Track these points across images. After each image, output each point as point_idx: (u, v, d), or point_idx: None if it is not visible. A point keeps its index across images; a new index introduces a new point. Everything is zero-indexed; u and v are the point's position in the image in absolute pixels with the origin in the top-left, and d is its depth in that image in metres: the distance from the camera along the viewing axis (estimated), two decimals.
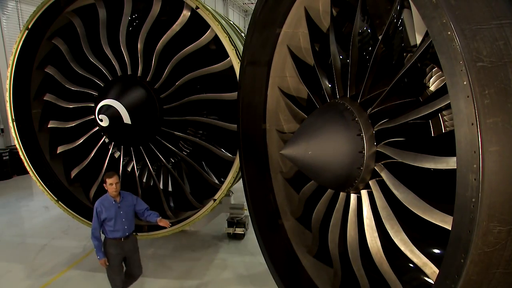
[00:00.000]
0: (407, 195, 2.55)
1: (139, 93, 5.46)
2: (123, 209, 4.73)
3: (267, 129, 4.53)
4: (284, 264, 4.23)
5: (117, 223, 4.68)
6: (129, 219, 4.78)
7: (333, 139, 2.87)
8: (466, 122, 1.72)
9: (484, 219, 1.70)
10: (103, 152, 6.19)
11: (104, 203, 4.69)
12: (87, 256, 6.75)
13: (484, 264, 1.80)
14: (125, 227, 4.73)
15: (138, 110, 5.37)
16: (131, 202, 4.84)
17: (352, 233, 3.26)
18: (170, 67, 5.51)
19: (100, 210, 4.66)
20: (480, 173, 1.67)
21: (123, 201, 4.75)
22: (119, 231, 4.70)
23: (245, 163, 4.55)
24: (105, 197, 4.74)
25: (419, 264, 2.59)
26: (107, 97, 5.24)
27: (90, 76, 5.86)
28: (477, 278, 1.83)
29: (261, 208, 4.51)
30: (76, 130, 6.23)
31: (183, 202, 6.21)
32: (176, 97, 5.70)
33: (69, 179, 6.45)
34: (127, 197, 4.84)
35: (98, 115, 5.24)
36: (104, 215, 4.64)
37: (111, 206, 4.67)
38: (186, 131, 6.40)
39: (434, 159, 2.29)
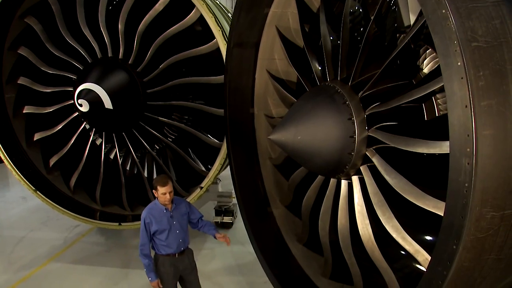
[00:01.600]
0: (399, 181, 2.57)
1: (120, 76, 5.36)
2: (177, 219, 3.99)
3: (255, 114, 4.51)
4: (273, 253, 4.26)
5: (170, 235, 3.94)
6: (184, 230, 4.04)
7: (323, 124, 2.87)
8: (459, 105, 1.71)
9: (477, 205, 1.72)
10: (84, 139, 6.10)
11: (153, 213, 3.94)
12: (68, 248, 6.69)
13: (477, 250, 1.82)
14: (180, 240, 3.99)
15: (120, 95, 5.27)
16: (185, 210, 4.10)
17: (343, 220, 3.29)
18: (153, 49, 5.41)
19: (150, 222, 3.91)
20: (473, 157, 1.68)
21: (176, 209, 4.00)
22: (173, 245, 3.96)
23: (232, 149, 4.54)
24: (154, 205, 3.98)
25: (411, 251, 2.62)
26: (87, 81, 5.13)
27: (67, 59, 5.73)
28: (469, 264, 1.86)
29: (249, 196, 4.52)
30: (54, 116, 6.10)
31: None
32: (160, 81, 5.61)
33: (47, 167, 6.34)
34: (180, 204, 4.10)
35: (77, 100, 5.14)
36: (155, 227, 3.90)
37: (162, 216, 3.92)
38: (171, 117, 6.32)
39: (427, 143, 2.31)
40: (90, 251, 6.52)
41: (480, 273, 1.94)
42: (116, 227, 6.00)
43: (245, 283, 5.41)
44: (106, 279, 5.62)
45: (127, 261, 6.14)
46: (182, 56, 5.42)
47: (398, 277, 2.87)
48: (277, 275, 4.07)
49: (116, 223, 5.97)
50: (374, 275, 3.11)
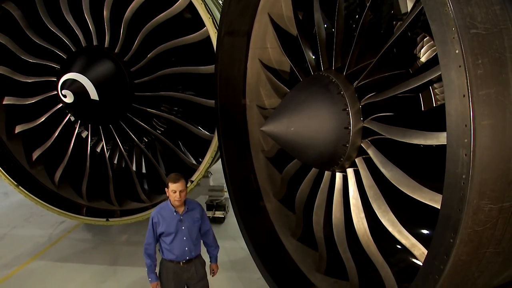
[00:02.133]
0: (395, 173, 2.57)
1: (106, 66, 5.30)
2: (186, 224, 3.80)
3: (247, 105, 4.51)
4: (266, 248, 4.28)
5: (175, 241, 3.77)
6: (192, 239, 3.83)
7: (317, 115, 2.87)
8: (457, 94, 1.71)
9: (475, 197, 1.72)
10: (69, 132, 6.03)
11: (163, 213, 3.80)
12: (53, 245, 6.65)
13: (474, 243, 1.83)
14: (186, 248, 3.80)
15: (106, 85, 5.21)
16: (198, 216, 3.88)
17: (338, 214, 3.29)
18: (141, 37, 5.35)
19: (157, 221, 3.77)
20: (471, 148, 1.68)
21: (187, 214, 3.81)
22: (176, 252, 3.80)
23: (224, 141, 4.53)
24: (165, 205, 3.84)
25: (407, 246, 2.63)
26: (71, 71, 5.06)
27: (50, 47, 5.65)
28: (466, 258, 1.87)
29: (241, 190, 4.52)
30: (37, 108, 6.02)
31: (158, 184, 6.12)
32: (148, 71, 5.56)
33: (30, 161, 6.27)
34: (194, 209, 3.89)
35: (61, 91, 5.07)
36: (161, 228, 3.77)
37: (172, 218, 3.77)
38: (160, 108, 6.28)
39: (424, 134, 2.31)
40: (76, 248, 6.49)
41: (477, 267, 1.95)
42: (103, 223, 5.98)
43: (238, 279, 5.42)
44: (93, 277, 5.60)
45: (115, 257, 6.13)
46: (171, 45, 5.36)
47: (394, 271, 2.89)
48: (271, 271, 4.08)
49: (103, 219, 5.95)
50: (370, 270, 3.13)
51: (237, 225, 4.48)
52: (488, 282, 2.21)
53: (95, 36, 5.48)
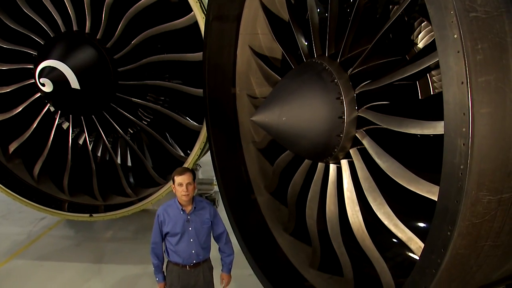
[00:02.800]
0: (391, 165, 2.58)
1: (88, 52, 5.24)
2: (194, 225, 3.64)
3: (237, 94, 4.49)
4: (257, 244, 4.29)
5: (181, 242, 3.63)
6: (199, 241, 3.67)
7: (309, 104, 2.86)
8: (455, 81, 1.70)
9: (473, 188, 1.73)
10: (48, 123, 5.96)
11: (169, 211, 3.66)
12: (33, 243, 6.58)
13: (472, 236, 1.84)
14: (192, 251, 3.65)
15: (87, 73, 5.17)
16: (208, 217, 3.73)
17: (332, 207, 3.30)
18: (124, 22, 5.29)
19: (163, 220, 3.64)
20: (469, 137, 1.68)
21: (195, 213, 3.66)
22: (182, 254, 3.65)
23: (213, 132, 4.51)
24: (172, 203, 3.69)
25: (403, 239, 2.65)
26: (49, 58, 5.00)
27: (26, 32, 5.56)
28: (464, 251, 1.88)
29: (231, 183, 4.52)
30: (13, 97, 5.92)
31: (145, 178, 6.14)
32: (132, 59, 5.52)
33: (6, 155, 6.19)
34: (203, 208, 3.73)
35: (39, 79, 5.01)
36: (167, 227, 3.63)
37: (178, 217, 3.62)
38: (145, 98, 6.25)
39: (421, 124, 2.31)
40: (58, 245, 6.43)
41: (476, 260, 1.96)
42: (87, 218, 5.95)
43: None
44: (77, 276, 5.56)
45: (100, 255, 6.10)
46: (157, 31, 5.32)
47: (390, 266, 2.91)
48: (262, 267, 4.09)
49: (86, 214, 5.92)
50: (365, 264, 3.15)
51: (227, 220, 4.44)
52: (487, 276, 2.23)
53: (75, 21, 5.40)
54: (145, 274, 5.59)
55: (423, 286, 2.06)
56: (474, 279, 2.15)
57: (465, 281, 2.13)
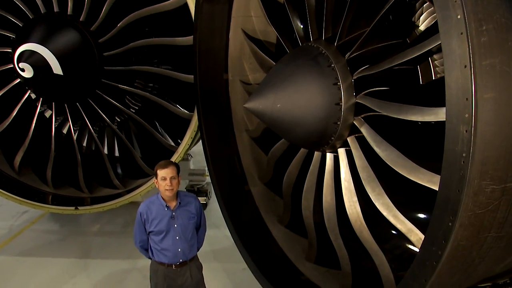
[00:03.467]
0: (390, 153, 2.58)
1: (71, 36, 5.18)
2: (179, 222, 3.61)
3: (230, 80, 4.48)
4: (252, 236, 4.31)
5: (166, 240, 3.59)
6: (186, 238, 3.65)
7: (305, 90, 2.85)
8: (458, 65, 1.69)
9: (476, 177, 1.72)
10: (30, 111, 5.91)
11: (152, 208, 3.61)
12: (14, 238, 6.58)
13: (475, 227, 1.84)
14: (178, 249, 3.62)
15: (70, 57, 5.11)
16: (194, 212, 3.70)
17: (329, 198, 3.31)
18: (109, 4, 5.24)
19: (146, 218, 3.60)
20: (472, 123, 1.67)
21: (180, 209, 3.64)
22: (168, 253, 3.61)
23: (204, 121, 4.51)
24: (155, 199, 3.64)
25: (403, 231, 2.66)
26: (29, 41, 4.94)
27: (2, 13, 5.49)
28: (466, 243, 1.88)
29: (224, 173, 4.52)
30: None
31: (133, 168, 6.12)
32: (119, 43, 5.47)
33: None
34: (189, 204, 3.70)
35: (18, 64, 4.96)
36: (151, 226, 3.60)
37: (163, 214, 3.58)
38: (133, 84, 6.20)
39: (422, 110, 2.31)
40: (41, 240, 6.44)
41: (478, 252, 1.97)
42: (72, 211, 5.94)
43: (222, 270, 5.47)
44: (61, 272, 5.56)
45: (86, 250, 6.12)
46: (144, 13, 5.26)
47: (389, 258, 2.93)
48: (257, 261, 4.11)
49: (72, 207, 5.91)
50: (363, 257, 3.17)
51: (220, 212, 4.48)
52: (490, 269, 2.24)
53: (55, 1, 5.33)
54: (134, 269, 5.62)
55: (423, 279, 2.07)
56: (476, 272, 2.16)
57: (467, 274, 2.14)
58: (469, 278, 2.24)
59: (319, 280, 3.78)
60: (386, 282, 2.91)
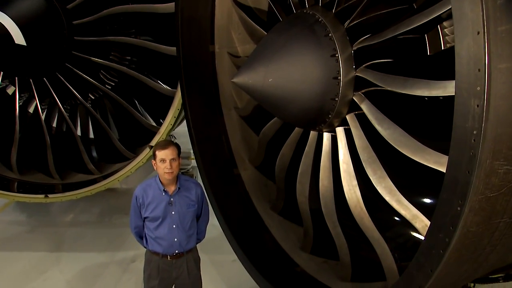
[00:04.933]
0: (393, 132, 2.59)
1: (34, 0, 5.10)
2: (177, 208, 3.61)
3: (216, 52, 4.46)
4: (242, 225, 4.34)
5: (161, 228, 3.60)
6: (184, 228, 3.64)
7: (299, 62, 2.84)
8: (470, 31, 1.67)
9: (488, 157, 1.72)
10: None
11: (148, 191, 3.61)
12: None
13: (486, 212, 1.86)
14: (175, 239, 3.62)
15: (35, 26, 5.07)
16: (194, 199, 3.71)
17: (326, 182, 3.32)
18: None
19: (142, 202, 3.61)
20: (484, 97, 1.66)
21: (179, 194, 3.64)
22: (163, 242, 3.62)
23: (188, 98, 4.50)
24: (152, 182, 3.65)
25: (407, 217, 2.68)
26: None
27: None
28: (476, 229, 1.90)
29: (211, 156, 4.54)
30: None
31: (110, 151, 6.13)
32: (90, 10, 5.43)
33: None
34: (189, 190, 3.71)
35: None
36: (147, 211, 3.60)
37: (160, 199, 3.59)
38: (108, 57, 6.18)
39: (429, 84, 2.30)
40: (7, 232, 6.45)
41: (489, 240, 1.99)
42: (41, 200, 5.92)
43: (209, 262, 5.50)
44: (30, 267, 5.56)
45: (58, 242, 6.13)
46: None
47: (392, 247, 2.96)
48: (247, 252, 4.15)
49: (41, 195, 5.89)
50: (364, 246, 3.20)
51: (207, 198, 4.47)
52: (503, 258, 2.27)
53: None
54: (112, 262, 5.64)
55: (429, 269, 2.09)
56: (487, 261, 2.19)
57: (477, 263, 2.17)
58: (479, 268, 2.27)
59: (316, 271, 3.82)
60: (388, 273, 2.95)
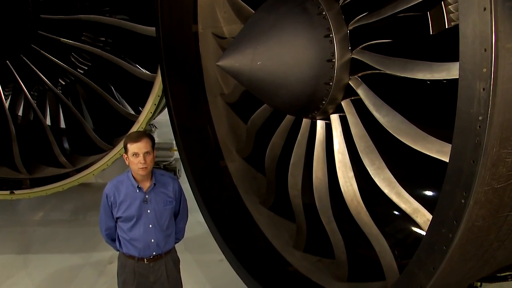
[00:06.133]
0: (393, 119, 2.59)
1: None
2: (154, 206, 3.58)
3: (200, 33, 4.45)
4: (229, 221, 4.35)
5: (136, 229, 3.55)
6: (161, 227, 3.62)
7: (290, 43, 2.82)
8: (476, 7, 1.66)
9: (494, 144, 1.73)
10: None
11: (120, 188, 3.56)
12: None
13: (493, 205, 1.86)
14: (152, 239, 3.58)
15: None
16: (171, 195, 3.69)
17: (320, 174, 3.33)
18: None
19: (114, 201, 3.55)
20: (491, 80, 1.65)
21: (155, 191, 3.60)
22: (138, 243, 3.58)
23: (170, 83, 4.50)
24: (124, 178, 3.60)
25: (407, 211, 2.69)
26: None
27: None
28: (482, 223, 1.91)
29: (195, 147, 4.54)
30: None
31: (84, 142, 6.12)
32: None
33: None
34: (166, 185, 3.68)
35: None
36: (119, 211, 3.55)
37: (133, 197, 3.54)
38: (80, 38, 6.15)
39: (431, 67, 2.30)
40: None
41: (497, 235, 2.00)
42: (6, 196, 5.90)
43: (194, 262, 5.54)
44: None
45: (26, 243, 6.12)
46: None
47: (391, 244, 2.97)
48: (235, 250, 4.16)
49: (6, 192, 5.87)
50: (361, 243, 3.21)
51: (191, 193, 4.47)
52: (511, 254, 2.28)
53: None
54: (86, 265, 5.64)
55: (431, 266, 2.10)
56: (495, 258, 2.20)
57: (483, 260, 2.18)
58: (486, 266, 2.28)
59: (310, 271, 3.84)
60: (388, 272, 2.96)
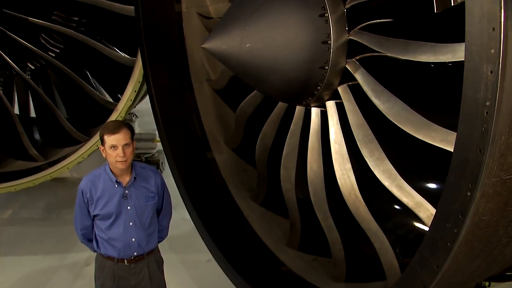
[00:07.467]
0: (393, 106, 2.60)
1: None
2: (134, 202, 3.57)
3: (184, 12, 4.44)
4: (217, 218, 4.36)
5: (115, 227, 3.55)
6: (142, 224, 3.61)
7: (282, 24, 2.81)
8: None
9: (503, 132, 1.73)
10: None
11: (97, 183, 3.54)
12: None
13: (501, 198, 1.87)
14: (132, 239, 3.57)
15: None
16: (152, 189, 3.68)
17: (315, 166, 3.33)
18: None
19: (90, 197, 3.53)
20: (499, 61, 1.65)
21: (136, 185, 3.59)
22: (118, 244, 3.57)
23: (151, 68, 4.49)
24: (101, 172, 3.58)
25: (409, 205, 2.70)
26: None
27: None
28: (490, 218, 1.91)
29: (180, 137, 4.54)
30: None
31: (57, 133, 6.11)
32: None
33: None
34: (147, 179, 3.68)
35: None
36: (97, 208, 3.53)
37: (112, 192, 3.53)
38: (50, 18, 6.11)
39: (435, 48, 2.31)
40: None
41: (506, 230, 2.01)
42: None
43: (179, 263, 5.56)
44: None
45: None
46: None
47: (392, 240, 2.99)
48: (224, 249, 4.17)
49: None
50: (360, 240, 3.22)
51: (176, 188, 4.47)
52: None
53: None
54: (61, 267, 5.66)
55: (435, 264, 2.10)
56: (504, 255, 2.21)
57: (491, 257, 2.19)
58: (494, 263, 2.30)
59: (305, 271, 3.86)
60: (388, 270, 2.98)
